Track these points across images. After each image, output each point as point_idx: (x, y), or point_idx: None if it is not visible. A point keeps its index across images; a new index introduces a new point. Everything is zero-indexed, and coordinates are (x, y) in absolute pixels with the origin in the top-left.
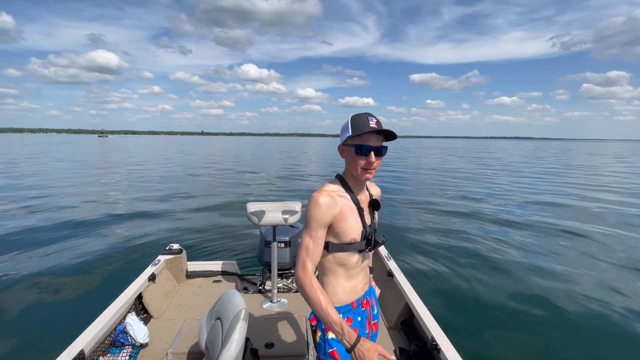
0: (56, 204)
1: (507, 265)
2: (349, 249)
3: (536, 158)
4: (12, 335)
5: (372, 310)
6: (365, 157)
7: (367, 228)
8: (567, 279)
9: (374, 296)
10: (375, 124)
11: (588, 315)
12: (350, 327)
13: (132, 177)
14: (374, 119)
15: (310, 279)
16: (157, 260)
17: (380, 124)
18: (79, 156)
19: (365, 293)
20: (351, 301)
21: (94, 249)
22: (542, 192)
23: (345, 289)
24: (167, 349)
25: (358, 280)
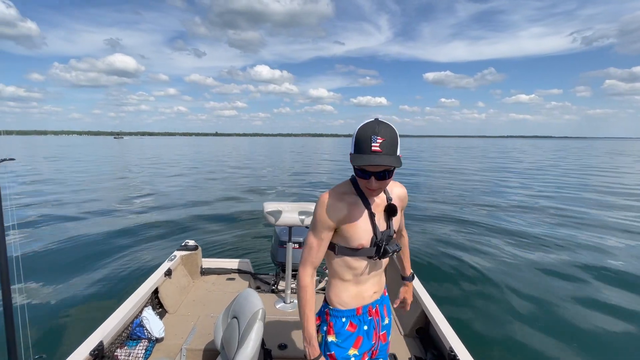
0: (79, 200)
1: (530, 270)
2: (356, 255)
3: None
4: (33, 326)
5: (382, 320)
6: (366, 180)
7: (377, 234)
8: (596, 287)
9: (386, 306)
10: (378, 146)
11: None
12: (354, 334)
13: (149, 176)
14: (378, 140)
15: (306, 279)
16: (173, 255)
17: (387, 144)
18: (100, 156)
19: (375, 301)
20: (357, 306)
21: (113, 243)
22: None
23: (350, 293)
24: (182, 345)
25: (366, 287)
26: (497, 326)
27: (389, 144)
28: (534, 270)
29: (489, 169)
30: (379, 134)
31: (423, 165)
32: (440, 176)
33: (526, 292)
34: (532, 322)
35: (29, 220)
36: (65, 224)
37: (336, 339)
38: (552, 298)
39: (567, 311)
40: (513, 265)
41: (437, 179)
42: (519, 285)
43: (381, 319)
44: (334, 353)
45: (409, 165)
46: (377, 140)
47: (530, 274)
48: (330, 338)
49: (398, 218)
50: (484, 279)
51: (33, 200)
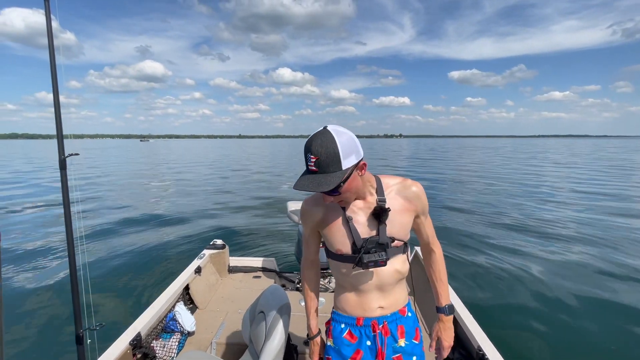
0: (113, 199)
1: (563, 269)
2: (340, 259)
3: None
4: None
5: (392, 341)
6: (323, 198)
7: (358, 241)
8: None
9: (404, 327)
10: (313, 165)
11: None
12: (352, 345)
13: (179, 178)
14: (312, 159)
15: (303, 272)
16: (202, 254)
17: (322, 162)
18: (130, 158)
19: (384, 317)
20: (357, 316)
21: (146, 241)
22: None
23: (349, 301)
24: (212, 339)
25: (368, 298)
26: (527, 325)
27: (324, 162)
28: (569, 268)
29: (516, 171)
30: (313, 151)
31: (441, 168)
32: (464, 178)
33: (562, 290)
34: (565, 320)
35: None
36: (106, 221)
37: (333, 344)
38: (593, 297)
39: (611, 312)
40: (550, 262)
41: (460, 180)
42: (553, 283)
43: (392, 338)
44: (331, 358)
45: (428, 167)
46: (311, 160)
47: (564, 272)
48: (328, 342)
49: (401, 223)
50: (514, 276)
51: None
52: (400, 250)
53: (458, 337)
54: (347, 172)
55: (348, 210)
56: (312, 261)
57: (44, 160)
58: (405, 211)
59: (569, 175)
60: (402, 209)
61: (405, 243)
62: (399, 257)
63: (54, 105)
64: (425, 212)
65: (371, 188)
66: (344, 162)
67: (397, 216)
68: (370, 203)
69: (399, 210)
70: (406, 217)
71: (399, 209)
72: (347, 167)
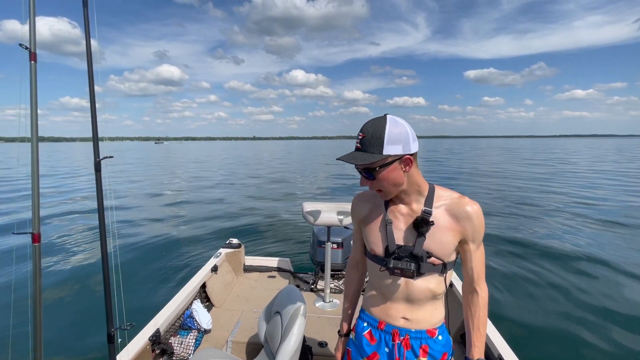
0: (134, 200)
1: (588, 272)
2: (373, 259)
3: None
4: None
5: (412, 355)
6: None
7: (392, 246)
8: None
9: (429, 347)
10: (359, 143)
11: None
12: (371, 346)
13: (197, 179)
14: (360, 135)
15: (347, 270)
16: (219, 253)
17: (366, 141)
18: (152, 160)
19: (408, 331)
20: (380, 319)
21: (166, 240)
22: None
23: (375, 303)
24: (228, 337)
25: (393, 305)
26: (548, 332)
27: (369, 141)
28: (594, 272)
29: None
30: (363, 129)
31: (454, 168)
32: (479, 179)
33: (587, 296)
34: (589, 328)
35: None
36: (125, 221)
37: (355, 338)
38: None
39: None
40: (570, 266)
41: (477, 182)
42: (578, 289)
43: (413, 354)
44: (350, 351)
45: (441, 167)
46: (359, 137)
47: (590, 277)
48: (351, 334)
49: (442, 241)
50: (536, 280)
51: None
52: (437, 270)
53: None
54: (387, 159)
55: (390, 213)
56: (357, 261)
57: (72, 162)
58: (450, 230)
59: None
60: (448, 227)
61: (444, 264)
62: (434, 276)
63: (91, 110)
64: (477, 239)
65: (419, 195)
66: (387, 147)
67: (440, 233)
68: (414, 211)
69: (443, 227)
70: (450, 236)
71: (444, 225)
72: (389, 153)
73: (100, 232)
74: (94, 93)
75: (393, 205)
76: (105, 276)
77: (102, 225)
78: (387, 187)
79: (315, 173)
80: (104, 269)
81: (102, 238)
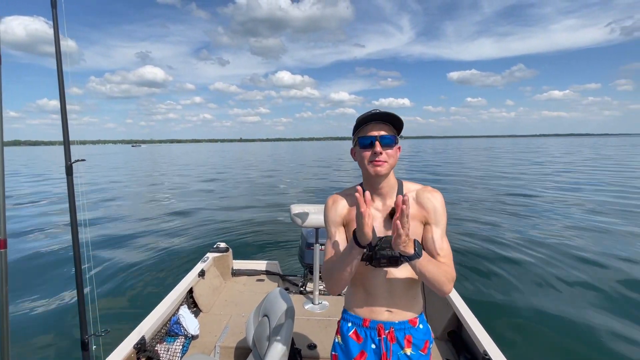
0: (115, 205)
1: (573, 270)
2: None
3: None
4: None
5: (397, 348)
6: (370, 149)
7: (374, 239)
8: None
9: (412, 337)
10: (378, 111)
11: None
12: (358, 345)
13: (180, 182)
14: (377, 109)
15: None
16: (206, 257)
17: (387, 113)
18: (133, 164)
19: (391, 323)
20: (364, 317)
21: (149, 244)
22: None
23: (359, 301)
24: (216, 343)
25: (376, 301)
26: (533, 329)
27: (389, 113)
28: (577, 270)
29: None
30: (377, 110)
31: (440, 169)
32: (462, 179)
33: (567, 295)
34: (572, 326)
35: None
36: (107, 227)
37: (341, 341)
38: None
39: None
40: (552, 265)
41: (461, 181)
42: (559, 288)
43: (397, 345)
44: (337, 355)
45: (423, 167)
46: (376, 110)
47: (573, 275)
48: (337, 338)
49: (414, 230)
50: (519, 280)
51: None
52: None
53: (463, 340)
54: (399, 137)
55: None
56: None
57: (48, 165)
58: (415, 217)
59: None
60: (414, 215)
61: None
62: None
63: (61, 112)
64: (439, 222)
65: (392, 190)
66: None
67: (412, 221)
68: (388, 205)
69: (413, 216)
70: (417, 223)
71: (414, 214)
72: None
73: (72, 237)
74: (64, 94)
75: (369, 201)
76: (78, 282)
77: (74, 230)
78: (391, 160)
79: (304, 175)
80: (76, 275)
81: (74, 243)
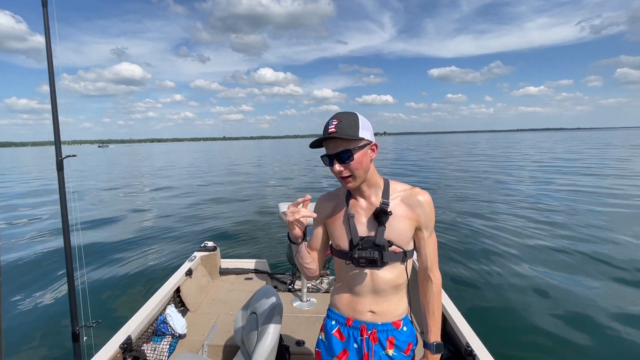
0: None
1: (551, 263)
2: (338, 255)
3: None
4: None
5: (379, 349)
6: (332, 167)
7: (356, 238)
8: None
9: (395, 339)
10: (334, 128)
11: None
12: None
13: (166, 182)
14: (333, 122)
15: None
16: (193, 256)
17: (342, 125)
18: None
19: (374, 324)
20: (348, 316)
21: (134, 244)
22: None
23: (343, 300)
24: (204, 341)
25: (360, 300)
26: (514, 322)
27: (345, 125)
28: (555, 263)
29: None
30: (335, 117)
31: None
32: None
33: (546, 287)
34: (550, 316)
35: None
36: (91, 226)
37: (324, 338)
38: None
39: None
40: (532, 258)
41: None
42: (539, 281)
43: (380, 347)
44: (320, 352)
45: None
46: (332, 124)
47: (551, 268)
48: (321, 335)
49: (400, 230)
50: (502, 273)
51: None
52: (398, 258)
53: (447, 333)
54: (362, 141)
55: (352, 208)
56: (313, 249)
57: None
58: (406, 218)
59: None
60: (404, 216)
61: (405, 252)
62: (396, 265)
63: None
64: (429, 226)
65: (378, 189)
66: (361, 132)
67: (398, 222)
68: (373, 205)
69: (400, 217)
70: (407, 224)
71: (400, 214)
72: (363, 137)
73: (63, 230)
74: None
75: (354, 201)
76: (69, 274)
77: (65, 223)
78: (358, 171)
79: (290, 174)
80: (67, 267)
81: (65, 236)
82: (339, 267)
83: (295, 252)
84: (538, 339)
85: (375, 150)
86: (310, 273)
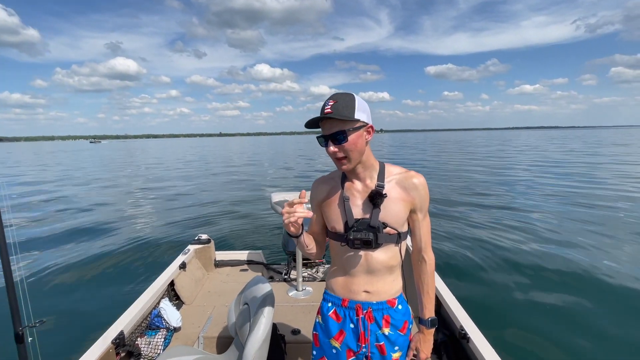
0: (91, 197)
1: (539, 254)
2: (334, 237)
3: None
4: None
5: (375, 328)
6: (326, 148)
7: (351, 220)
8: (604, 271)
9: (391, 317)
10: (330, 108)
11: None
12: (337, 324)
13: (161, 175)
14: (330, 103)
15: None
16: (187, 249)
17: (338, 105)
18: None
19: (369, 304)
20: (343, 297)
21: (128, 238)
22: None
23: (338, 281)
24: (199, 333)
25: (355, 281)
26: (508, 306)
27: (341, 106)
28: (546, 251)
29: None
30: (332, 98)
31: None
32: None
33: (539, 272)
34: (544, 301)
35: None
36: (77, 220)
37: (321, 321)
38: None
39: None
40: (525, 244)
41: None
42: (531, 266)
43: (375, 325)
44: (317, 334)
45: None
46: (328, 104)
47: (542, 255)
48: (317, 318)
49: (395, 212)
50: (495, 258)
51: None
52: (392, 240)
53: (441, 317)
54: (357, 122)
55: (347, 191)
56: (312, 232)
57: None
58: (401, 201)
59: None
60: (399, 198)
61: (399, 234)
62: (390, 247)
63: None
64: (423, 208)
65: (373, 172)
66: (357, 113)
67: (393, 204)
68: (369, 187)
69: (395, 199)
70: (401, 206)
71: (395, 197)
72: (359, 118)
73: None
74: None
75: (349, 183)
76: (6, 269)
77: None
78: (353, 153)
79: (284, 165)
80: (3, 262)
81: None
82: (334, 249)
83: (297, 243)
84: (532, 323)
85: (372, 132)
86: (315, 257)
